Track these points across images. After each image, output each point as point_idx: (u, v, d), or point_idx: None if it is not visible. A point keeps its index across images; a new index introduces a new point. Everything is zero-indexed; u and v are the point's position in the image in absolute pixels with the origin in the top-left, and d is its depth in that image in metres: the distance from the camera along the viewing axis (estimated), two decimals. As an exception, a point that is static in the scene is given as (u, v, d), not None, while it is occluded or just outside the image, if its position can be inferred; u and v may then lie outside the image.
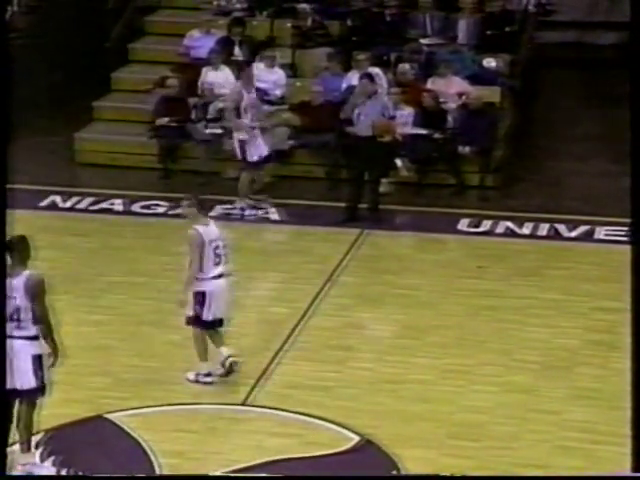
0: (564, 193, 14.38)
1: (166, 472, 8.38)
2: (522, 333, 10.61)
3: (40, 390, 8.19)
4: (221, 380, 9.84)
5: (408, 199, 14.31)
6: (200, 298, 9.67)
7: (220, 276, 9.72)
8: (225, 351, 9.76)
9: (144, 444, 8.74)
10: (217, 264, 9.67)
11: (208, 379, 9.71)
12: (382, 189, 14.55)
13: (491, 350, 10.34)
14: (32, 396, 8.20)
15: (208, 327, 9.75)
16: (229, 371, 9.72)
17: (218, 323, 9.79)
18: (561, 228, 13.38)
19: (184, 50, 16.35)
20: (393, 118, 14.05)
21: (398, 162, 14.73)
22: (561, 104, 16.88)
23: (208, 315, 9.69)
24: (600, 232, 13.27)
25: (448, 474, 8.28)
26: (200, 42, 16.22)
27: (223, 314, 9.79)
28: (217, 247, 9.69)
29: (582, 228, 13.33)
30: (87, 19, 17.23)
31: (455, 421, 9.14)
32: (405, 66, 15.53)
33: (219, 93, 15.46)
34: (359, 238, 13.24)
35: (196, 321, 9.73)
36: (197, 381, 9.70)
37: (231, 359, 9.73)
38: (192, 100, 15.52)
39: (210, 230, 9.75)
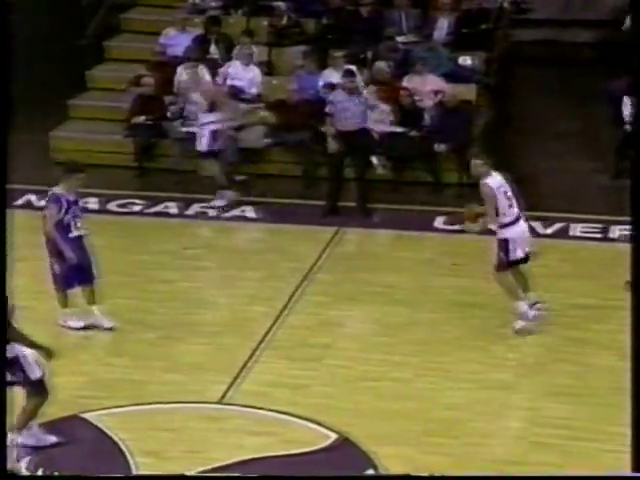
0: (540, 190, 14.39)
1: (142, 471, 8.35)
2: (498, 330, 10.63)
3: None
4: (196, 378, 9.81)
5: (384, 197, 14.32)
6: (504, 245, 10.30)
7: (517, 219, 10.37)
8: (533, 296, 10.41)
9: (120, 443, 8.71)
10: (510, 207, 10.34)
11: (535, 312, 10.31)
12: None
13: (467, 347, 10.36)
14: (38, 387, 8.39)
15: (513, 265, 10.35)
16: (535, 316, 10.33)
17: (524, 260, 10.37)
18: (536, 225, 13.40)
19: (160, 48, 16.31)
20: (373, 108, 14.06)
21: (374, 160, 14.74)
22: (537, 102, 16.92)
23: (515, 256, 10.32)
24: (575, 229, 13.32)
25: (427, 474, 8.29)
26: (176, 40, 16.18)
27: (526, 251, 10.40)
28: (506, 192, 10.38)
29: (557, 225, 13.38)
30: (62, 16, 17.15)
31: (432, 418, 9.15)
32: (381, 64, 15.54)
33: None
34: (336, 236, 13.24)
35: (500, 266, 10.34)
36: (525, 320, 10.28)
37: (539, 305, 10.37)
38: (168, 98, 15.47)
39: (495, 179, 10.40)
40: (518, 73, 17.29)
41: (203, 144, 14.15)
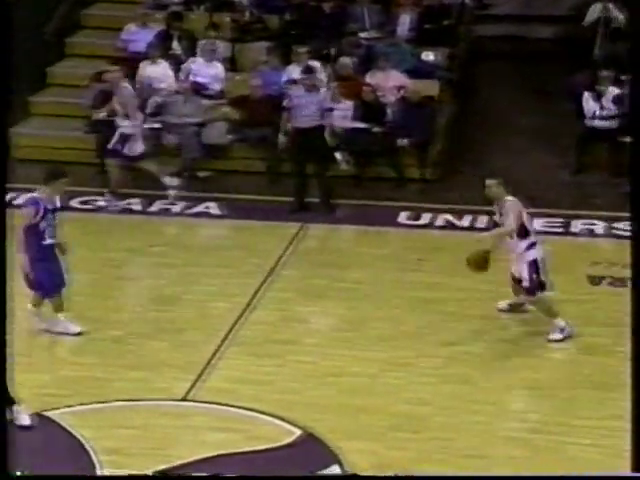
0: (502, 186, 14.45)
1: (106, 469, 8.31)
2: (462, 325, 10.67)
3: None
4: (161, 376, 9.79)
5: (348, 192, 14.34)
6: (534, 266, 10.10)
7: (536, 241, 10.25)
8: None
9: (83, 441, 8.67)
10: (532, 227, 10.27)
11: (565, 333, 10.16)
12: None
13: (431, 342, 10.39)
14: None
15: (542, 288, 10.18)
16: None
17: (546, 285, 10.24)
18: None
19: (121, 44, 16.23)
20: (331, 110, 14.10)
21: (338, 156, 14.75)
22: (499, 97, 16.99)
23: (545, 277, 10.14)
24: (538, 224, 13.36)
25: (392, 469, 8.31)
26: (137, 36, 16.11)
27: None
28: (526, 212, 10.24)
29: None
30: (22, 12, 17.01)
31: (396, 413, 9.17)
32: (345, 60, 15.56)
33: (158, 88, 15.38)
34: (300, 232, 13.25)
35: (535, 288, 10.16)
36: (562, 339, 10.13)
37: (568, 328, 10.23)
38: (130, 95, 15.38)
39: (515, 199, 10.22)
40: (480, 68, 17.37)
41: (136, 148, 14.01)
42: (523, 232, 10.01)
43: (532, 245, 10.07)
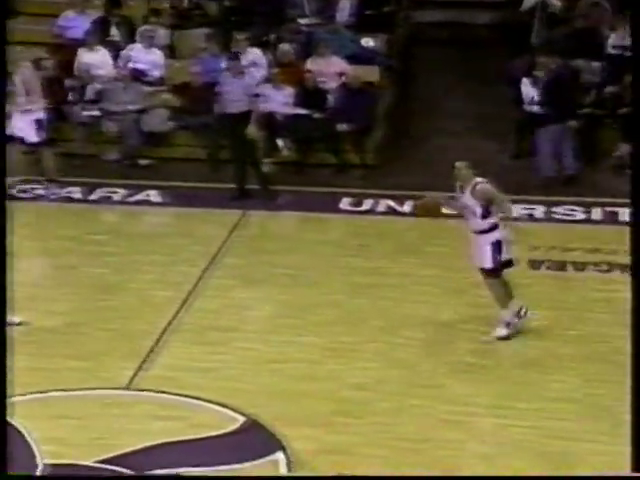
0: (443, 171, 14.48)
1: (48, 459, 8.26)
2: (404, 310, 10.73)
3: None
4: (103, 365, 9.73)
5: (290, 179, 14.35)
6: (497, 246, 9.94)
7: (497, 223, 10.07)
8: (517, 303, 10.09)
9: (25, 432, 8.59)
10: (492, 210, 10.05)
11: (520, 319, 10.04)
12: (264, 169, 14.59)
13: (373, 327, 10.44)
14: None
15: (504, 268, 10.03)
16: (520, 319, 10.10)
17: (510, 263, 10.08)
18: (440, 205, 13.57)
19: (59, 30, 16.06)
20: (257, 96, 14.00)
21: (279, 142, 14.77)
22: (438, 83, 17.09)
23: (506, 257, 10.00)
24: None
25: (335, 453, 8.36)
26: (75, 22, 15.97)
27: (511, 255, 10.09)
28: None
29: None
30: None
31: (340, 398, 9.20)
32: (285, 46, 15.55)
33: (96, 75, 15.26)
34: (242, 219, 13.23)
35: (496, 269, 9.98)
36: (509, 329, 9.98)
37: (524, 308, 10.11)
38: (68, 82, 15.26)
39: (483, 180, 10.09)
40: (419, 54, 17.45)
41: (32, 135, 13.84)
42: (486, 213, 9.99)
43: (497, 226, 10.07)
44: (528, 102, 15.01)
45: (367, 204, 13.76)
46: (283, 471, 8.22)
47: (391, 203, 13.72)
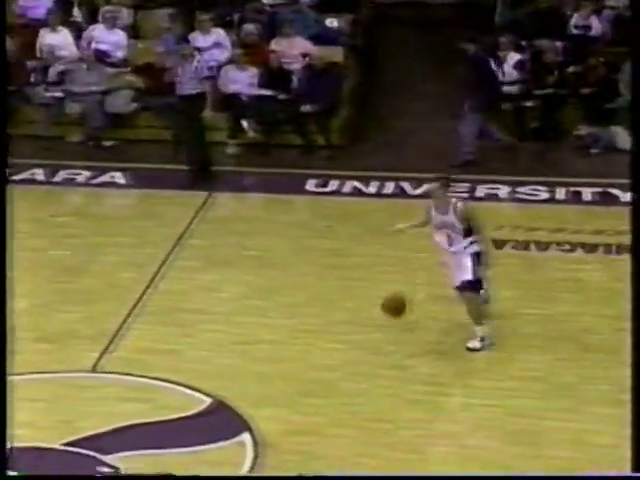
0: (408, 151, 14.61)
1: (16, 443, 8.21)
2: (370, 291, 10.74)
3: None
4: (68, 347, 9.70)
5: (255, 160, 14.33)
6: (477, 258, 9.57)
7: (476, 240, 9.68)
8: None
9: (-9, 415, 8.56)
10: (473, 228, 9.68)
11: (485, 343, 9.63)
12: (229, 150, 14.59)
13: (340, 308, 10.46)
14: None
15: (481, 287, 9.64)
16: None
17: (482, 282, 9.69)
18: (406, 186, 13.62)
19: (20, 11, 15.92)
20: (208, 79, 13.85)
21: (244, 123, 14.73)
22: (402, 63, 17.10)
23: (483, 272, 9.64)
24: (443, 189, 13.53)
25: (302, 434, 8.39)
26: (36, 2, 15.84)
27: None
28: None
29: (426, 186, 13.55)
30: None
31: (306, 379, 9.23)
32: (249, 27, 15.51)
33: (59, 55, 15.15)
34: (207, 200, 13.21)
35: (477, 282, 9.58)
36: (480, 348, 9.59)
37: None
38: (30, 63, 15.15)
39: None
40: (384, 34, 17.44)
41: None
42: (468, 231, 9.59)
43: (475, 241, 9.66)
44: (491, 83, 15.04)
45: (333, 185, 13.77)
46: (250, 452, 8.23)
47: (357, 184, 13.74)
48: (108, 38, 15.40)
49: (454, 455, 8.21)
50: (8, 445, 8.06)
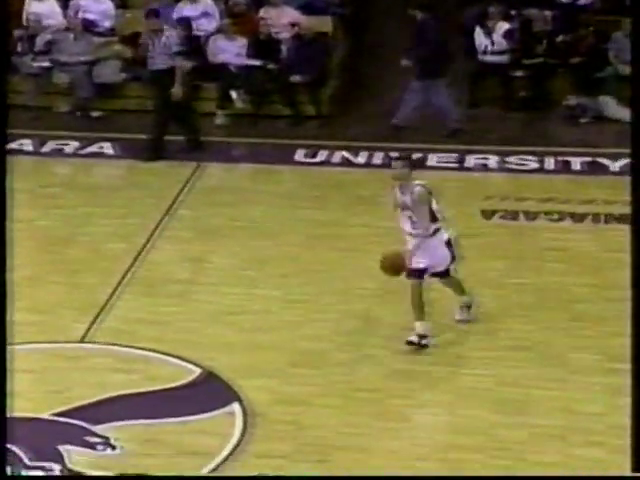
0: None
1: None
2: (360, 261, 10.75)
3: None
4: (57, 318, 9.69)
5: (244, 131, 14.30)
6: (450, 244, 9.22)
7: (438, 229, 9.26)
8: (466, 299, 9.51)
9: (-20, 386, 8.57)
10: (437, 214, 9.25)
11: (424, 341, 9.18)
12: (218, 121, 14.55)
13: (330, 279, 10.47)
14: None
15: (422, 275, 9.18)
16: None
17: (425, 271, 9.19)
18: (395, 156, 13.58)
19: (7, -21, 15.78)
20: (178, 54, 13.63)
21: (233, 94, 14.68)
22: (392, 33, 17.02)
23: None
24: (432, 159, 13.56)
25: (291, 404, 8.41)
26: (23, -30, 15.71)
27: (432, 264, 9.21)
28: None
29: (415, 156, 13.54)
30: None
31: (296, 349, 9.25)
32: (237, -4, 15.41)
33: (46, 25, 15.06)
34: (196, 171, 13.19)
35: (421, 272, 9.15)
36: (419, 344, 9.15)
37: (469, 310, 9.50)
38: (17, 32, 15.05)
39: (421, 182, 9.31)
40: (372, 4, 17.35)
41: None
42: (432, 216, 9.25)
43: (439, 229, 9.32)
44: (481, 52, 15.04)
45: (322, 155, 13.76)
46: (239, 422, 8.26)
47: (346, 154, 13.73)
48: (96, 7, 15.31)
49: (443, 424, 8.27)
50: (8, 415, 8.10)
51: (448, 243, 9.30)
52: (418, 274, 9.19)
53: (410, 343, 9.18)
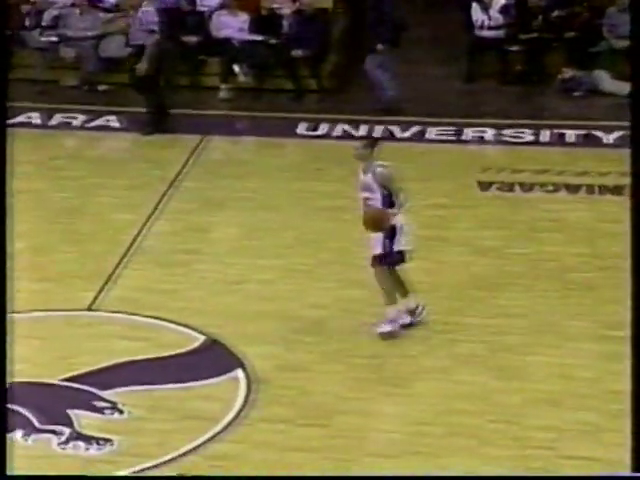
0: (397, 95, 14.69)
1: (15, 378, 8.43)
2: (359, 233, 10.91)
3: None
4: (65, 287, 9.88)
5: (247, 105, 14.45)
6: (390, 233, 9.02)
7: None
8: (413, 300, 9.25)
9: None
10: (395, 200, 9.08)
11: (412, 318, 9.16)
12: (222, 95, 14.72)
13: (331, 249, 10.60)
14: None
15: (396, 261, 9.11)
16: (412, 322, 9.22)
17: (404, 256, 9.11)
18: (394, 129, 13.77)
19: (13, -46, 15.92)
20: (151, 32, 13.63)
21: (236, 68, 14.83)
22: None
23: (399, 247, 9.04)
24: (431, 132, 13.71)
25: (292, 370, 8.60)
26: (30, -54, 15.82)
27: (408, 247, 9.11)
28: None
29: (414, 129, 13.75)
30: None
31: (298, 317, 9.38)
32: (240, -28, 15.51)
33: (52, 0, 15.21)
34: (201, 143, 13.35)
35: (383, 257, 9.05)
36: (393, 325, 9.06)
37: (421, 307, 9.25)
38: (25, 7, 15.20)
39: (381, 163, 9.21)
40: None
41: None
42: (389, 202, 9.07)
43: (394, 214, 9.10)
44: (478, 27, 15.16)
45: (323, 129, 13.91)
46: (242, 388, 8.43)
47: (347, 127, 13.87)
48: (101, -17, 15.45)
49: (442, 390, 8.39)
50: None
51: (390, 230, 8.99)
52: (379, 260, 9.06)
53: (383, 334, 9.02)
